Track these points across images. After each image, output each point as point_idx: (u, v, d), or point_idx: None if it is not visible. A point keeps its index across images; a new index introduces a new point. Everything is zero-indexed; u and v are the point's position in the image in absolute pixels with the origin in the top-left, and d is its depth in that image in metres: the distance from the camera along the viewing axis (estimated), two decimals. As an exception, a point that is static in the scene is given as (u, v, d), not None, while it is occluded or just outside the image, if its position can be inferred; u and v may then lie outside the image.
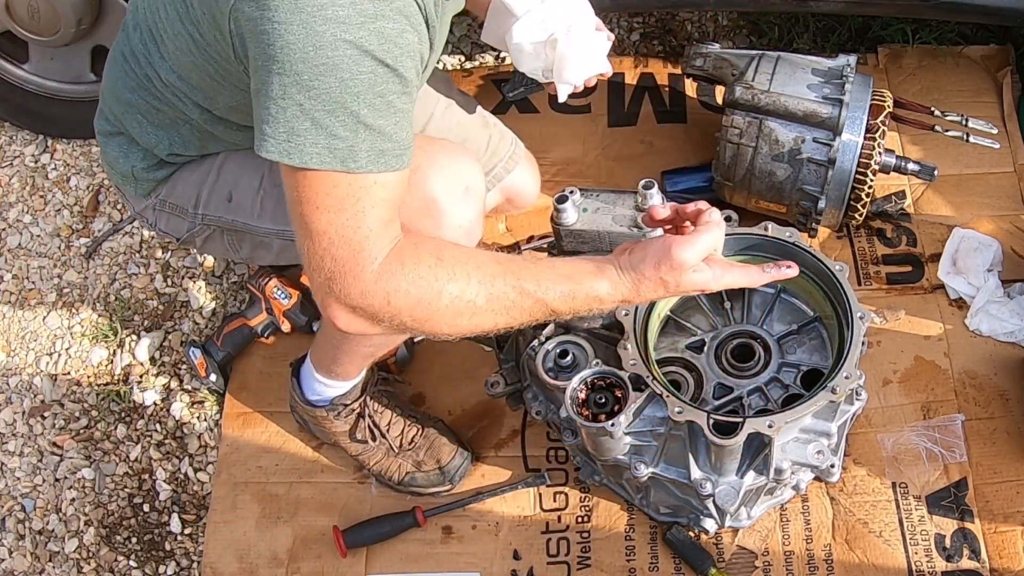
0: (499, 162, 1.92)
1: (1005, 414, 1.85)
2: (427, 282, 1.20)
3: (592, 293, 1.27)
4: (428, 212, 1.46)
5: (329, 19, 1.12)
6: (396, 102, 1.20)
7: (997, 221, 2.06)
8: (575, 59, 1.62)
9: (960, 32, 2.35)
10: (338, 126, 1.16)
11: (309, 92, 1.15)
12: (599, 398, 1.50)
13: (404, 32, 1.18)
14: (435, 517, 1.84)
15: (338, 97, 1.15)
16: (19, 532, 2.03)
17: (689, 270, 1.26)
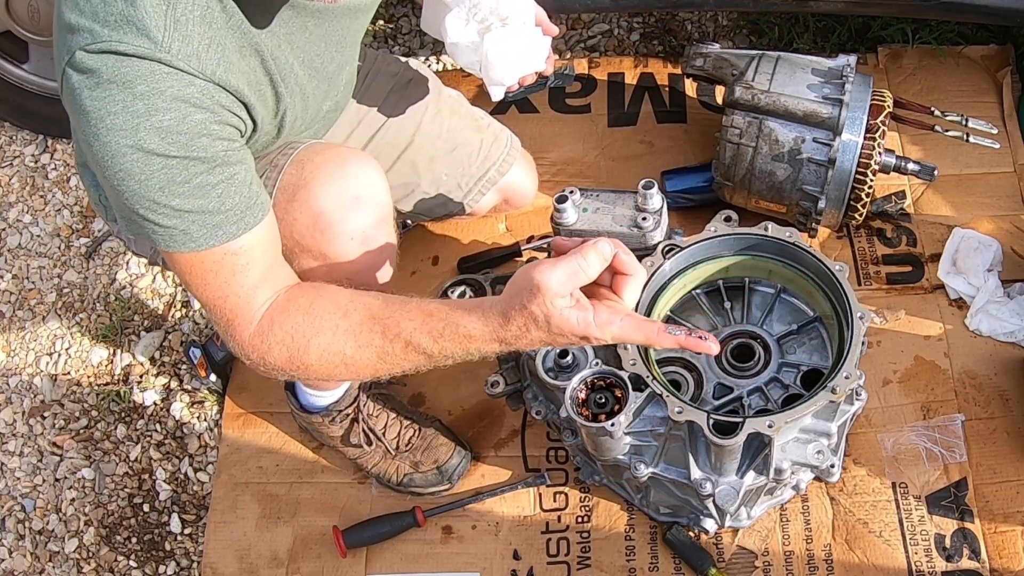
0: (492, 165, 1.92)
1: (1005, 414, 1.85)
2: (294, 339, 1.25)
3: (462, 331, 1.18)
4: (317, 227, 1.42)
5: (110, 128, 1.15)
6: (208, 180, 1.21)
7: (997, 221, 2.06)
8: (503, 57, 1.58)
9: (960, 32, 2.35)
10: (161, 218, 1.21)
11: (123, 196, 1.20)
12: (599, 398, 1.50)
13: (187, 117, 1.18)
14: (435, 517, 1.84)
15: (146, 195, 1.19)
16: (19, 532, 2.03)
17: (556, 299, 1.11)
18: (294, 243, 1.44)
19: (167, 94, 1.16)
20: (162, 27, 1.16)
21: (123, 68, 1.14)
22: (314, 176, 1.43)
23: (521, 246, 2.13)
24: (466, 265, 2.11)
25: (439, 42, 2.59)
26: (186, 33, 1.18)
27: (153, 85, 1.15)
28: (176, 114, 1.17)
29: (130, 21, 1.14)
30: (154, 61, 1.15)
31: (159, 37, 1.15)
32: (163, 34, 1.16)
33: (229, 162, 1.24)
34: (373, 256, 1.48)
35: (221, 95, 1.23)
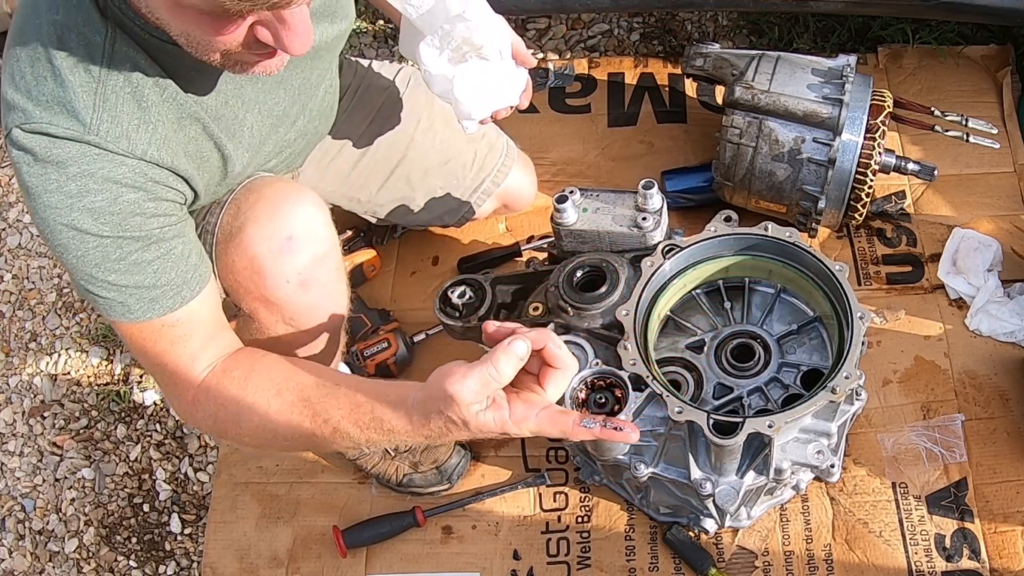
0: (487, 176, 1.92)
1: (1005, 414, 1.85)
2: (227, 413, 1.28)
3: (386, 425, 1.19)
4: (253, 270, 1.40)
5: (46, 205, 1.18)
6: (143, 257, 1.24)
7: (997, 221, 2.06)
8: (473, 93, 1.55)
9: (960, 32, 2.35)
10: (100, 290, 1.24)
11: (66, 266, 1.24)
12: (599, 398, 1.50)
13: (119, 197, 1.20)
14: (435, 517, 1.84)
15: (84, 269, 1.22)
16: (19, 532, 2.03)
17: (471, 407, 1.12)
18: (237, 285, 1.43)
19: (98, 175, 1.18)
20: (91, 107, 1.17)
21: (55, 150, 1.17)
22: (247, 218, 1.40)
23: (521, 246, 2.13)
24: (466, 265, 2.11)
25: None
26: (115, 113, 1.19)
27: (84, 167, 1.18)
28: (108, 195, 1.19)
29: (60, 102, 1.16)
30: (84, 143, 1.17)
31: (87, 119, 1.17)
32: (92, 115, 1.17)
33: (165, 238, 1.26)
34: (314, 296, 1.45)
35: (155, 172, 1.24)
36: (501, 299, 1.74)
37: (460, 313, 1.71)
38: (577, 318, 1.58)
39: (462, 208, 1.95)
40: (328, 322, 1.51)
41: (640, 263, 1.59)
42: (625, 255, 1.63)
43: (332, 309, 1.50)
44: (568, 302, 1.58)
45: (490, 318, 1.71)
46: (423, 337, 2.03)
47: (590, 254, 1.63)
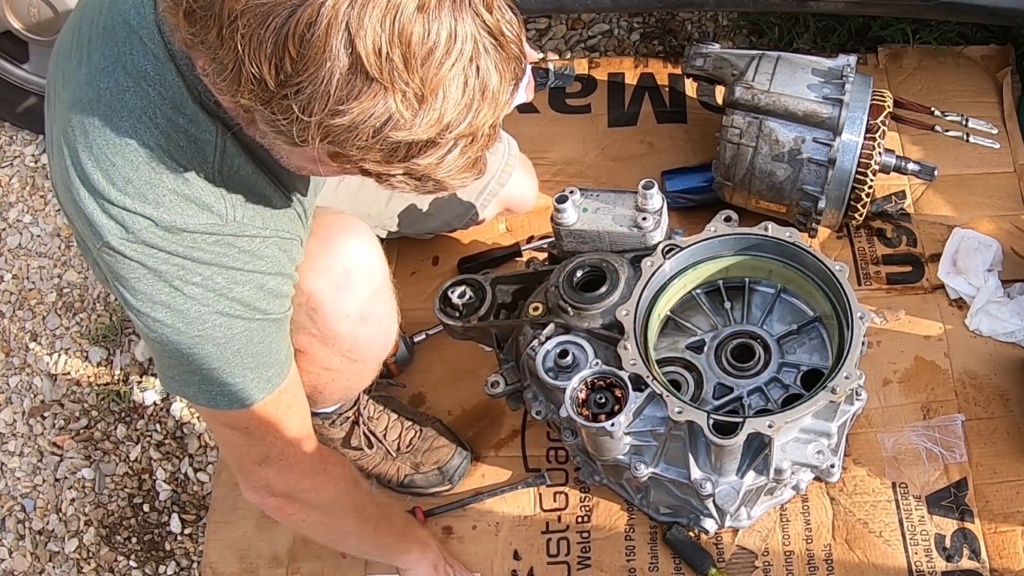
0: (492, 178, 1.91)
1: (1005, 414, 1.85)
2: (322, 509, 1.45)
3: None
4: (310, 307, 1.39)
5: (190, 297, 1.16)
6: (275, 336, 1.26)
7: (997, 221, 2.06)
8: None
9: (960, 32, 2.35)
10: (227, 377, 1.22)
11: (193, 361, 1.20)
12: (599, 398, 1.50)
13: (263, 286, 1.21)
14: (435, 517, 1.84)
15: (221, 358, 1.20)
16: (19, 532, 2.03)
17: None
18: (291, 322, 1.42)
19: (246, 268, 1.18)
20: (220, 198, 1.15)
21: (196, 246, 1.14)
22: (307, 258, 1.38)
23: (521, 246, 2.13)
24: (466, 265, 2.11)
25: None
26: (242, 200, 1.18)
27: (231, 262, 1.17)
28: (255, 284, 1.19)
29: (188, 199, 1.13)
30: (223, 235, 1.15)
31: (221, 210, 1.15)
32: (224, 206, 1.15)
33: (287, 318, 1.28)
34: (373, 329, 1.45)
35: (288, 246, 1.25)
36: (501, 299, 1.74)
37: (460, 313, 1.71)
38: (577, 318, 1.58)
39: (468, 212, 1.95)
40: (381, 352, 1.52)
41: (640, 263, 1.59)
42: (625, 255, 1.63)
43: (387, 339, 1.50)
44: (568, 302, 1.58)
45: (490, 318, 1.71)
46: (423, 337, 2.03)
47: (590, 254, 1.63)
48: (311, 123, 0.93)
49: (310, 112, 0.92)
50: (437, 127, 0.95)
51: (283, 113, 0.94)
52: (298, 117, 0.93)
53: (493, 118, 0.99)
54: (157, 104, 1.10)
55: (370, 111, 0.92)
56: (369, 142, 0.95)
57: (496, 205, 1.97)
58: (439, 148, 0.98)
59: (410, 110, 0.93)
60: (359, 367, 1.53)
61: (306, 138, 0.95)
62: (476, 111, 0.96)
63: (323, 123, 0.93)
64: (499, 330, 1.72)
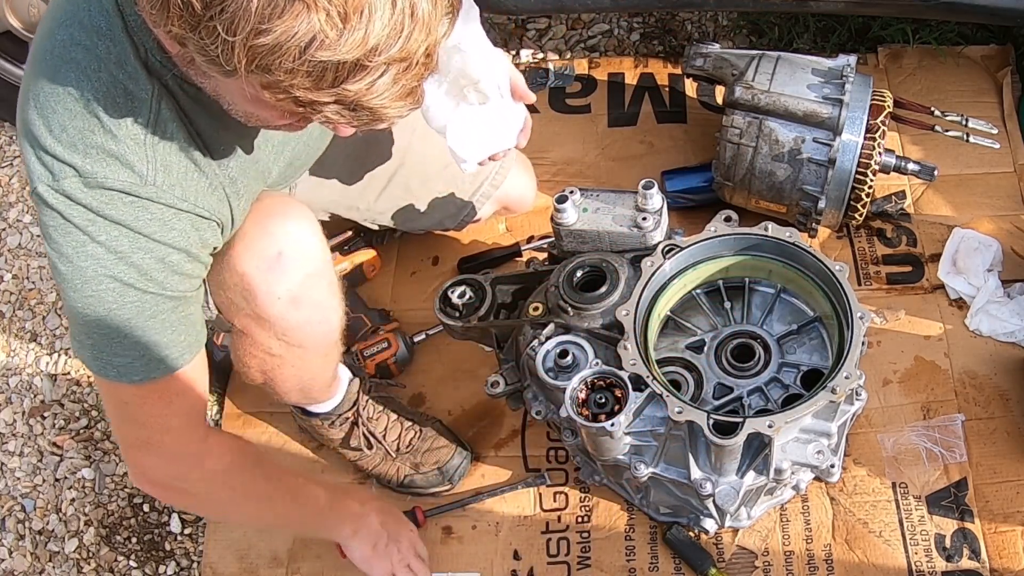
0: (485, 180, 1.92)
1: (1005, 414, 1.85)
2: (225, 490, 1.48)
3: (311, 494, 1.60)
4: (243, 288, 1.39)
5: (91, 256, 1.18)
6: (170, 317, 1.27)
7: (997, 221, 2.06)
8: (467, 138, 1.54)
9: (960, 32, 2.35)
10: (117, 348, 1.24)
11: (86, 320, 1.22)
12: (599, 398, 1.50)
13: (167, 256, 1.22)
14: (435, 517, 1.84)
15: (111, 324, 1.22)
16: (19, 532, 2.03)
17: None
18: (228, 302, 1.43)
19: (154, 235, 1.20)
20: (144, 160, 1.18)
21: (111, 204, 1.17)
22: (237, 235, 1.39)
23: (521, 246, 2.13)
24: (466, 265, 2.11)
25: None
26: (167, 164, 1.21)
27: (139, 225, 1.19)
28: (158, 254, 1.21)
29: (113, 155, 1.16)
30: (140, 198, 1.18)
31: (143, 171, 1.18)
32: (147, 167, 1.19)
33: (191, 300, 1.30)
34: (306, 313, 1.44)
35: (203, 224, 1.27)
36: (501, 299, 1.74)
37: (460, 313, 1.71)
38: (577, 318, 1.58)
39: (462, 212, 1.95)
40: (322, 338, 1.50)
41: (640, 263, 1.59)
42: (625, 255, 1.63)
43: (325, 326, 1.49)
44: (568, 302, 1.58)
45: (490, 318, 1.71)
46: (423, 337, 2.03)
47: (590, 254, 1.63)
48: (235, 43, 0.93)
49: (234, 31, 0.92)
50: (363, 47, 0.94)
51: (210, 37, 0.94)
52: (224, 39, 0.93)
53: (426, 44, 0.99)
54: (103, 59, 1.14)
55: (294, 29, 0.92)
56: (295, 64, 0.94)
57: (493, 204, 1.97)
58: (369, 72, 0.97)
59: (334, 29, 0.92)
60: (300, 352, 1.50)
61: (233, 63, 0.95)
62: (407, 35, 0.96)
63: (247, 43, 0.93)
64: (499, 330, 1.72)
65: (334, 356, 1.63)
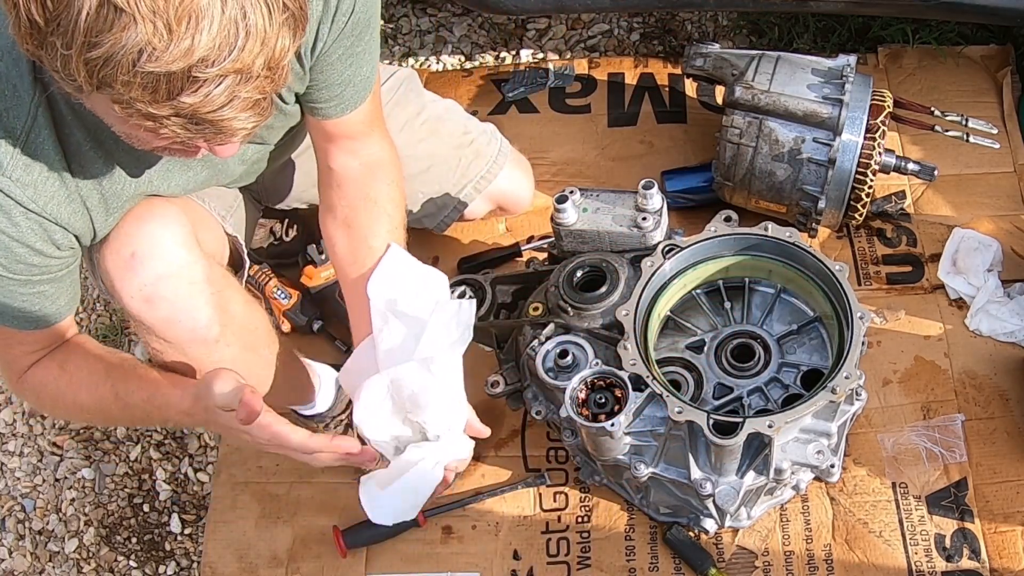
0: (469, 183, 1.93)
1: (1005, 414, 1.85)
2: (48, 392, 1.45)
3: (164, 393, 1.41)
4: (109, 285, 1.42)
5: None
6: (18, 291, 1.31)
7: (997, 221, 2.06)
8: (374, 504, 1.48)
9: (960, 32, 2.35)
10: None
11: None
12: (599, 398, 1.50)
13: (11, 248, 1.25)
14: (435, 517, 1.84)
15: None
16: (19, 532, 2.03)
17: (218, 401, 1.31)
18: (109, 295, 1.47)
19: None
20: (9, 154, 1.19)
21: None
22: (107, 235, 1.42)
23: (521, 246, 2.13)
24: (466, 265, 2.11)
25: (440, 41, 2.60)
26: (29, 164, 1.22)
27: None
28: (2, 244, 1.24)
29: None
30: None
31: (4, 161, 1.19)
32: (8, 160, 1.19)
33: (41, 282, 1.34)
34: (164, 312, 1.43)
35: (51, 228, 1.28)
36: (501, 299, 1.74)
37: (460, 313, 1.71)
38: (577, 318, 1.58)
39: (442, 212, 1.96)
40: (188, 335, 1.47)
41: (640, 263, 1.59)
42: (625, 255, 1.63)
43: (190, 323, 1.46)
44: (568, 302, 1.58)
45: (490, 318, 1.71)
46: (423, 337, 2.03)
47: (590, 254, 1.64)
48: (71, 57, 0.95)
49: (70, 45, 0.94)
50: (190, 58, 0.95)
51: (51, 52, 0.96)
52: (62, 54, 0.95)
53: (263, 56, 0.99)
54: (5, 50, 1.16)
55: (122, 41, 0.93)
56: (129, 76, 0.95)
57: (486, 203, 1.97)
58: (203, 84, 0.97)
59: (161, 40, 0.93)
60: (177, 348, 1.49)
61: (75, 78, 0.96)
62: (240, 47, 0.97)
63: (82, 57, 0.94)
64: (499, 330, 1.72)
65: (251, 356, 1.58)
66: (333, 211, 1.59)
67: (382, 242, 1.56)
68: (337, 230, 1.59)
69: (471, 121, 1.97)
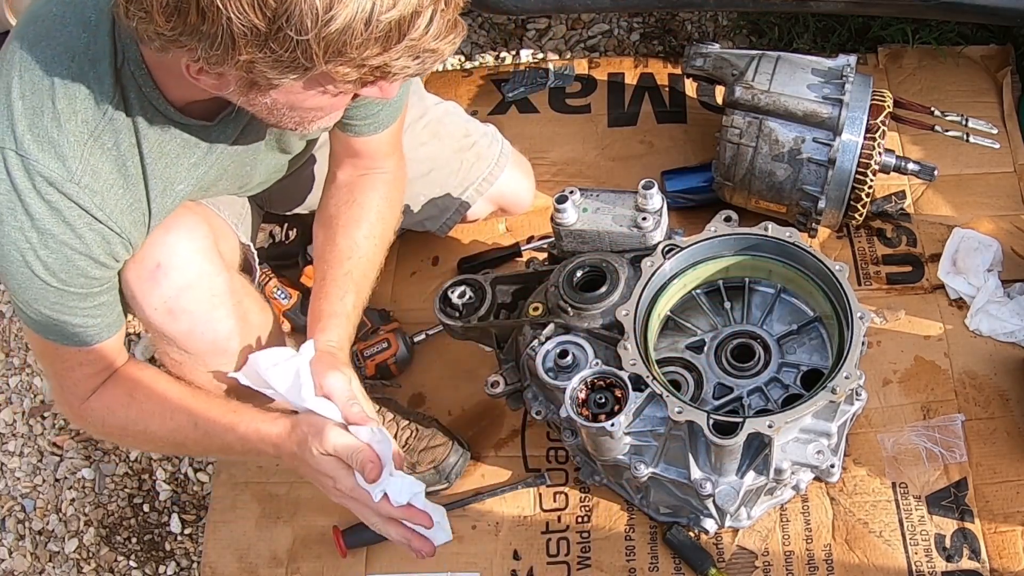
0: (470, 185, 1.94)
1: (1005, 414, 1.85)
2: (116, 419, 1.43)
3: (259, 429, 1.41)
4: (131, 296, 1.41)
5: (6, 234, 1.22)
6: (78, 305, 1.31)
7: (997, 221, 2.06)
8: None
9: (960, 32, 2.35)
10: (31, 313, 1.31)
11: (5, 281, 1.28)
12: (599, 398, 1.50)
13: (71, 260, 1.26)
14: (435, 517, 1.84)
15: (21, 295, 1.28)
16: (19, 532, 2.03)
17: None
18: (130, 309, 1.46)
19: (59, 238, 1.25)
20: (78, 158, 1.21)
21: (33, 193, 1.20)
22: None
23: (521, 246, 2.13)
24: (466, 265, 2.11)
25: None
26: (96, 170, 1.24)
27: (51, 224, 1.23)
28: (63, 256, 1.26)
29: (52, 142, 1.19)
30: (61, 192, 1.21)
31: (73, 167, 1.21)
32: (77, 165, 1.21)
33: (100, 293, 1.34)
34: (185, 324, 1.43)
35: (111, 237, 1.30)
36: (501, 299, 1.74)
37: (460, 313, 1.71)
38: (577, 318, 1.58)
39: (444, 215, 1.96)
40: (208, 347, 1.47)
41: (640, 263, 1.59)
42: (625, 255, 1.63)
43: (210, 335, 1.47)
44: (568, 302, 1.58)
45: (490, 318, 1.71)
46: (423, 337, 2.03)
47: (590, 254, 1.63)
48: (309, 40, 1.01)
49: (305, 30, 1.01)
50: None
51: (282, 46, 1.02)
52: (297, 41, 1.01)
53: None
54: (79, 51, 1.19)
55: (356, 6, 1.01)
56: (364, 37, 1.03)
57: (486, 204, 1.97)
58: (422, 15, 1.06)
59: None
60: (197, 359, 1.49)
61: (311, 57, 1.03)
62: None
63: (320, 36, 1.01)
64: (499, 330, 1.72)
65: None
66: (325, 210, 1.63)
67: (351, 243, 1.58)
68: (320, 228, 1.62)
69: (472, 123, 1.97)
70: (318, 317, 1.53)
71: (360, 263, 1.59)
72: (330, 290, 1.55)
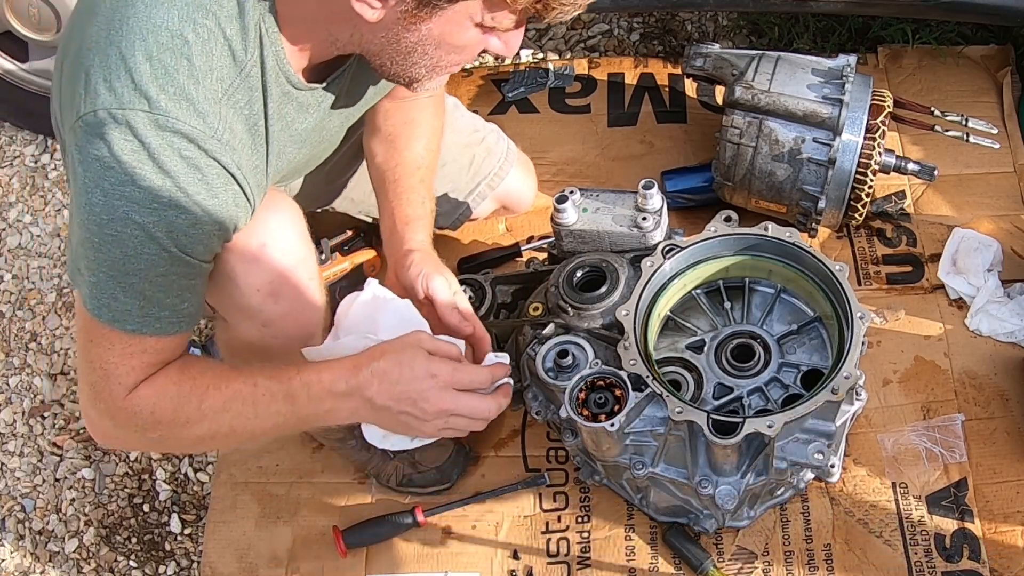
0: (483, 179, 1.93)
1: (1005, 414, 1.85)
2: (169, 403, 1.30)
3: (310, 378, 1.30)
4: (227, 276, 1.37)
5: (125, 196, 1.15)
6: (180, 281, 1.24)
7: (997, 221, 2.06)
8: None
9: (960, 32, 2.35)
10: (122, 285, 1.21)
11: (97, 255, 1.19)
12: (599, 398, 1.50)
13: (198, 223, 1.20)
14: (435, 517, 1.84)
15: (121, 266, 1.19)
16: (19, 532, 2.03)
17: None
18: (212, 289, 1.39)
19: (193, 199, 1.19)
20: (216, 114, 1.18)
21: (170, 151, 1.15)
22: None
23: (521, 246, 2.13)
24: (466, 265, 2.11)
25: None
26: (231, 125, 1.21)
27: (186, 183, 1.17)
28: (191, 217, 1.19)
29: (188, 99, 1.16)
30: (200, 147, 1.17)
31: (213, 121, 1.17)
32: (216, 120, 1.18)
33: (202, 273, 1.28)
34: (285, 306, 1.41)
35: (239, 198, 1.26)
36: (501, 299, 1.74)
37: (460, 313, 1.71)
38: (577, 318, 1.58)
39: (456, 210, 1.96)
40: (298, 332, 1.46)
41: (640, 263, 1.59)
42: (625, 255, 1.63)
43: (306, 318, 1.46)
44: (568, 302, 1.58)
45: (490, 318, 1.71)
46: (423, 337, 2.03)
47: (590, 254, 1.64)
48: None
49: None
50: None
51: None
52: None
53: None
54: (211, 8, 1.17)
55: None
56: None
57: (492, 203, 1.97)
58: None
59: None
60: (280, 342, 1.46)
61: None
62: None
63: None
64: (499, 330, 1.72)
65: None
66: (378, 131, 1.65)
67: (415, 155, 1.62)
68: (379, 145, 1.64)
69: (477, 119, 1.98)
70: (405, 221, 1.56)
71: (428, 172, 1.65)
72: (410, 196, 1.59)
